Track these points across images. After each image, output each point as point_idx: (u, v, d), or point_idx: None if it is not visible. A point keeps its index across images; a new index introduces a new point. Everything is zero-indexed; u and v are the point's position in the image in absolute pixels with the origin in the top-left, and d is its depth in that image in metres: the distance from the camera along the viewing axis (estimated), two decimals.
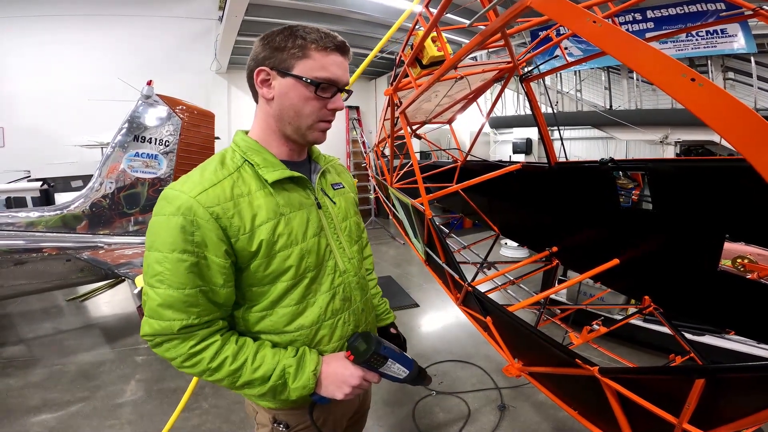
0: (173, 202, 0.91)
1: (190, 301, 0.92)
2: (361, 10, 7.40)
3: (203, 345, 0.96)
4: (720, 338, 3.22)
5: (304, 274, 1.04)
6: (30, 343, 4.16)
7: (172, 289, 0.91)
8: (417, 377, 1.17)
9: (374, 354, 1.05)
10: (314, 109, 0.99)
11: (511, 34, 1.88)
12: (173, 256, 0.89)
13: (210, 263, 0.93)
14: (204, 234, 0.90)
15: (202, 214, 0.90)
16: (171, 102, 4.23)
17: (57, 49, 7.86)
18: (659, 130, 6.78)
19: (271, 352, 1.02)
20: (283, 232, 0.99)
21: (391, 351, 1.09)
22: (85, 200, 3.96)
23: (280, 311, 1.04)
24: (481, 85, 2.71)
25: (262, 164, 1.01)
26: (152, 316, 0.94)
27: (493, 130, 10.36)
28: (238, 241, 0.94)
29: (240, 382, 0.98)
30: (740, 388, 0.86)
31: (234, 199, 0.94)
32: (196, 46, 9.20)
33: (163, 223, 0.91)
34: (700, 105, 0.56)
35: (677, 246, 1.83)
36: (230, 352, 0.97)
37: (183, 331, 0.93)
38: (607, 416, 1.18)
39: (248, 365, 0.98)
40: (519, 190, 2.71)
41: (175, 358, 0.96)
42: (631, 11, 6.36)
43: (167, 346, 0.95)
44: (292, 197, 1.04)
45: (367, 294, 1.28)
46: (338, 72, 0.98)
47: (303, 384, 1.01)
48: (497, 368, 3.46)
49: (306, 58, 0.95)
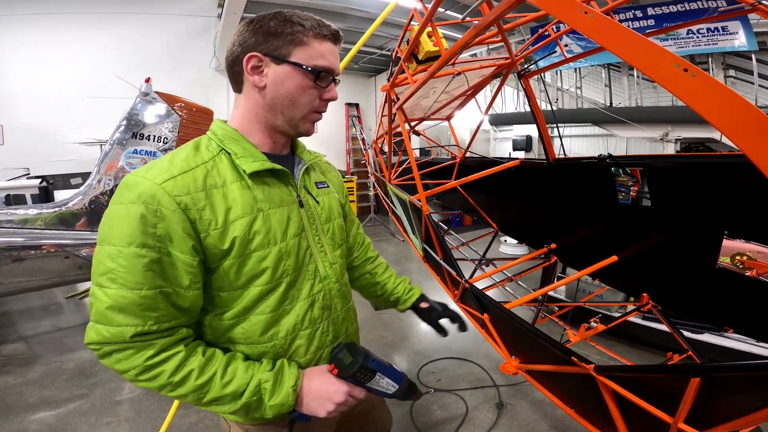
0: (134, 188, 0.79)
1: (147, 304, 0.79)
2: (359, 6, 7.37)
3: (163, 356, 0.82)
4: (719, 336, 3.21)
5: (281, 278, 0.94)
6: (29, 340, 4.16)
7: (126, 289, 0.78)
8: (407, 392, 1.08)
9: (361, 368, 0.96)
10: (311, 99, 0.94)
11: (509, 30, 1.87)
12: (129, 250, 0.77)
13: (174, 260, 0.81)
14: (168, 226, 0.79)
15: (167, 203, 0.79)
16: (169, 99, 4.22)
17: (56, 47, 7.85)
18: (659, 127, 6.75)
19: (243, 365, 0.90)
20: (260, 230, 0.90)
21: (380, 364, 1.00)
22: (83, 197, 3.96)
23: (253, 319, 0.94)
24: (479, 82, 2.69)
25: (240, 154, 0.92)
26: (99, 320, 0.80)
27: (493, 128, 10.34)
28: (208, 236, 0.84)
29: (207, 399, 0.86)
30: (736, 388, 0.85)
31: (206, 190, 0.85)
32: (196, 43, 9.18)
33: (121, 212, 0.79)
34: (693, 96, 0.55)
35: (676, 243, 1.82)
36: (196, 364, 0.85)
37: (137, 339, 0.80)
38: (603, 415, 1.18)
39: (217, 380, 0.86)
40: (518, 187, 2.69)
41: (128, 370, 0.82)
42: (631, 8, 6.33)
43: (117, 356, 0.81)
44: (273, 192, 0.95)
45: (350, 303, 1.20)
46: (334, 61, 0.95)
47: (281, 401, 0.90)
48: (495, 366, 3.45)
49: (304, 45, 0.90)
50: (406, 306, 1.42)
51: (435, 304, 1.41)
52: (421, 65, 1.97)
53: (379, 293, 1.44)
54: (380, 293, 1.44)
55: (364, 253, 1.44)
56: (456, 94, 3.04)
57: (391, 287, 1.42)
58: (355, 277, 1.44)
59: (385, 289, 1.43)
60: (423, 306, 1.40)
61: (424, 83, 1.77)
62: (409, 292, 1.43)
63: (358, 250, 1.43)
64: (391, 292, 1.43)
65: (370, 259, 1.45)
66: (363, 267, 1.43)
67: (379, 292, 1.44)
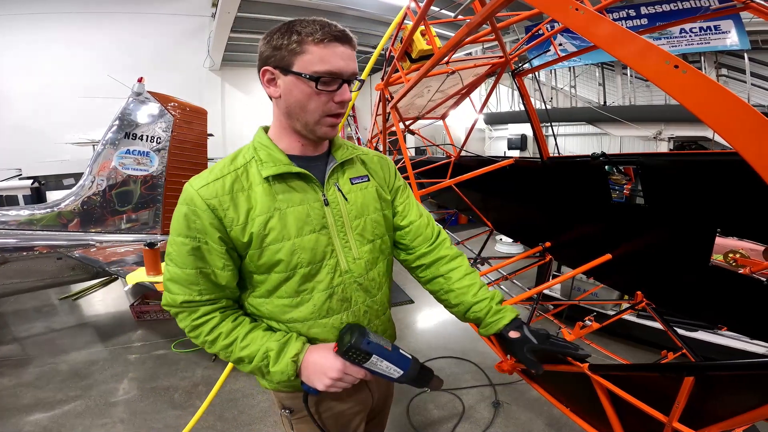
0: (184, 192, 1.01)
1: (191, 280, 1.01)
2: (355, 6, 7.36)
3: (203, 320, 1.04)
4: (712, 334, 3.23)
5: (295, 269, 1.05)
6: (23, 342, 4.12)
7: (177, 267, 1.02)
8: (417, 378, 1.06)
9: (352, 348, 0.98)
10: (319, 104, 0.97)
11: (502, 28, 1.87)
12: (178, 239, 1.00)
13: (210, 248, 1.00)
14: (203, 222, 0.98)
15: (200, 204, 0.98)
16: (163, 99, 4.19)
17: (48, 47, 7.79)
18: (653, 126, 6.80)
19: (261, 333, 1.06)
20: (275, 227, 1.02)
21: (378, 347, 1.01)
22: (76, 198, 3.92)
23: (275, 301, 1.08)
24: (473, 80, 2.69)
25: (264, 159, 1.04)
26: (165, 288, 1.06)
27: (488, 127, 10.36)
28: (232, 231, 1.00)
29: (232, 358, 1.06)
30: (730, 387, 0.85)
31: (232, 193, 1.00)
32: (189, 43, 9.14)
33: (177, 210, 1.02)
34: (684, 92, 0.54)
35: (669, 241, 1.83)
36: (225, 329, 1.04)
37: (185, 305, 1.03)
38: (598, 414, 1.18)
39: (237, 343, 1.04)
40: (512, 186, 2.70)
41: (185, 328, 1.06)
42: (624, 7, 6.37)
43: (180, 317, 1.06)
44: (294, 192, 1.05)
45: (375, 296, 1.17)
46: (340, 63, 0.95)
47: (281, 369, 1.03)
48: (491, 365, 3.44)
49: (303, 53, 0.93)
50: (488, 332, 1.16)
51: (528, 335, 1.09)
52: (415, 64, 1.97)
53: (454, 304, 1.21)
54: (455, 304, 1.21)
55: (434, 250, 1.25)
56: (450, 93, 3.04)
57: (470, 301, 1.17)
58: (424, 280, 1.27)
59: (461, 301, 1.19)
60: (513, 336, 1.10)
61: (417, 82, 1.77)
62: (495, 314, 1.15)
63: (425, 246, 1.25)
64: (470, 308, 1.18)
65: (444, 259, 1.24)
66: (435, 268, 1.24)
67: (454, 303, 1.21)
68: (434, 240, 1.26)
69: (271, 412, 2.92)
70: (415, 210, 1.27)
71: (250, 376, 3.32)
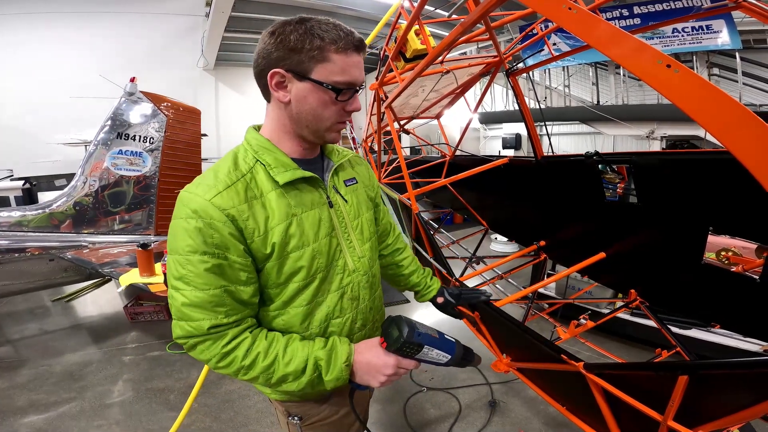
0: (189, 204, 0.91)
1: (216, 301, 0.92)
2: (350, 5, 7.35)
3: (235, 343, 0.95)
4: (706, 332, 3.25)
5: (314, 274, 1.04)
6: (16, 344, 4.08)
7: (198, 290, 0.91)
8: (462, 360, 1.10)
9: (406, 342, 0.98)
10: (333, 113, 0.97)
11: (496, 27, 1.87)
12: (195, 258, 0.89)
13: (232, 263, 0.93)
14: (222, 235, 0.90)
15: (218, 216, 0.89)
16: (155, 99, 4.17)
17: (38, 47, 7.70)
18: (645, 125, 6.84)
19: (300, 344, 1.01)
20: (295, 233, 0.99)
21: (428, 337, 1.02)
22: (68, 199, 3.89)
23: (291, 311, 1.04)
24: (468, 80, 2.70)
25: (273, 164, 0.99)
26: (181, 317, 0.94)
27: (483, 126, 10.39)
28: (253, 242, 0.94)
29: (275, 379, 0.97)
30: (724, 385, 0.85)
31: (248, 202, 0.94)
32: (183, 42, 9.08)
33: (182, 226, 0.91)
34: (676, 91, 0.55)
35: (662, 239, 1.84)
36: (261, 348, 0.97)
37: (213, 331, 0.93)
38: (594, 412, 1.18)
39: (279, 360, 0.97)
40: (507, 185, 2.70)
41: (210, 359, 0.95)
42: (617, 7, 6.41)
43: (201, 348, 0.95)
44: (304, 197, 1.03)
45: (377, 292, 1.26)
46: (356, 73, 0.94)
47: (336, 376, 0.99)
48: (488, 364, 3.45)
49: (325, 61, 0.90)
50: (423, 299, 1.50)
51: (448, 297, 1.47)
52: (409, 63, 1.97)
53: (402, 284, 1.51)
54: (403, 284, 1.51)
55: (394, 242, 1.48)
56: (445, 92, 3.04)
57: (414, 280, 1.49)
58: (384, 264, 1.48)
59: (409, 280, 1.50)
60: (439, 301, 1.46)
61: (411, 81, 1.77)
62: (428, 287, 1.49)
63: (389, 239, 1.47)
64: (414, 285, 1.50)
65: (399, 250, 1.49)
66: (392, 257, 1.48)
67: (402, 283, 1.51)
68: (391, 234, 1.47)
69: (267, 413, 2.91)
70: (383, 208, 1.43)
71: None
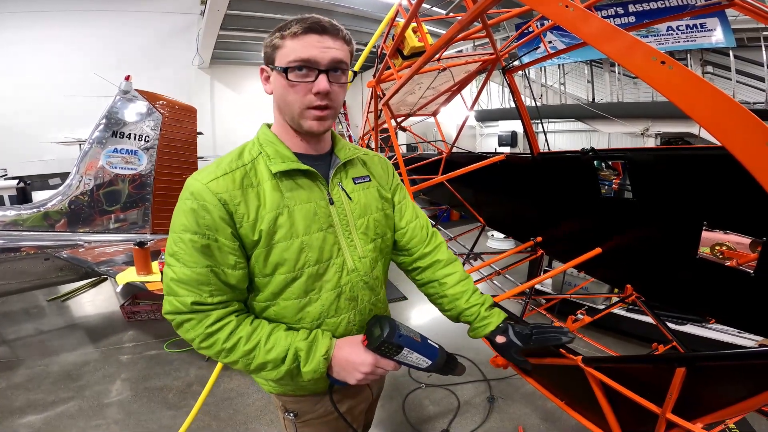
0: (188, 187, 0.97)
1: (201, 280, 0.96)
2: (346, 3, 7.33)
3: (219, 325, 0.98)
4: (701, 327, 3.28)
5: (302, 268, 1.03)
6: (12, 344, 4.05)
7: (186, 267, 0.95)
8: (444, 367, 1.09)
9: (385, 342, 0.98)
10: (297, 96, 0.98)
11: (493, 25, 1.88)
12: (186, 236, 0.95)
13: (221, 245, 0.96)
14: (213, 217, 0.95)
15: (210, 198, 0.94)
16: (151, 97, 4.14)
17: (32, 46, 7.63)
18: (640, 122, 6.88)
19: (284, 334, 1.02)
20: (284, 224, 1.00)
21: (408, 339, 1.02)
22: (63, 198, 3.86)
23: (281, 303, 1.05)
24: (464, 77, 2.71)
25: (272, 156, 1.04)
26: (169, 292, 0.98)
27: (479, 123, 10.40)
28: (242, 227, 0.98)
29: (254, 365, 0.99)
30: (722, 377, 0.87)
31: (242, 189, 0.98)
32: (178, 41, 9.02)
33: (180, 207, 0.97)
34: (670, 87, 0.56)
35: (657, 234, 1.86)
36: (244, 333, 0.98)
37: (196, 308, 0.96)
38: (593, 406, 1.19)
39: (261, 346, 0.99)
40: (503, 182, 2.72)
41: (194, 338, 0.99)
42: (612, 5, 6.43)
43: (187, 326, 0.98)
44: (301, 190, 1.04)
45: (378, 295, 1.21)
46: (313, 52, 0.94)
47: (314, 368, 1.00)
48: (486, 360, 3.48)
49: (281, 47, 0.97)
50: (476, 335, 1.22)
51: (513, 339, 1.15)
52: (407, 61, 1.97)
53: (447, 308, 1.26)
54: (448, 309, 1.26)
55: (431, 253, 1.28)
56: (442, 89, 3.05)
57: (462, 307, 1.22)
58: (420, 282, 1.32)
59: (454, 306, 1.24)
60: (499, 341, 1.17)
61: (409, 78, 1.78)
62: (483, 319, 1.20)
63: (421, 247, 1.28)
64: (461, 313, 1.23)
65: (440, 263, 1.27)
66: (431, 272, 1.27)
67: (447, 307, 1.26)
68: (429, 242, 1.29)
69: (267, 411, 2.92)
70: (411, 211, 1.31)
71: (245, 374, 3.32)
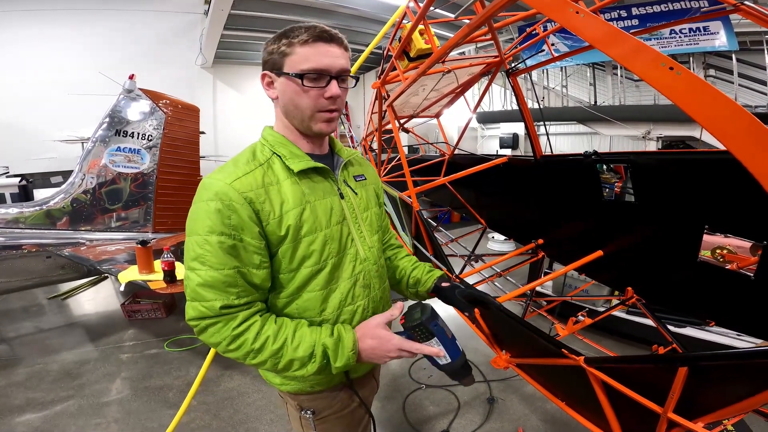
0: (210, 188, 0.98)
1: (229, 281, 0.97)
2: (349, 4, 7.34)
3: (245, 326, 0.99)
4: (701, 330, 3.28)
5: (326, 260, 1.09)
6: (11, 342, 4.06)
7: (213, 270, 0.95)
8: (459, 371, 1.13)
9: (422, 325, 1.04)
10: (310, 100, 1.03)
11: (498, 29, 1.89)
12: (213, 238, 0.95)
13: (246, 245, 0.98)
14: (239, 217, 0.96)
15: (236, 198, 0.96)
16: (154, 96, 4.15)
17: (36, 44, 7.65)
18: (642, 125, 6.89)
19: (308, 330, 1.05)
20: (308, 219, 1.05)
21: (442, 332, 1.08)
22: (65, 196, 3.87)
23: (305, 296, 1.09)
24: (468, 79, 2.72)
25: (288, 156, 1.07)
26: (194, 298, 0.98)
27: (480, 125, 10.41)
28: (269, 225, 1.00)
29: (283, 363, 1.01)
30: (723, 376, 0.87)
31: (265, 187, 1.01)
32: (181, 40, 9.04)
33: (202, 208, 0.97)
34: (678, 93, 0.56)
35: (658, 237, 1.87)
36: (271, 331, 1.00)
37: (224, 311, 0.97)
38: (593, 407, 1.19)
39: (288, 344, 1.01)
40: (505, 184, 2.73)
41: (220, 342, 0.99)
42: (616, 8, 6.43)
43: (212, 330, 0.99)
44: (317, 186, 1.10)
45: (385, 282, 1.32)
46: (324, 60, 1.01)
47: (345, 363, 1.04)
48: (486, 361, 3.48)
49: (291, 54, 1.01)
50: (426, 287, 1.39)
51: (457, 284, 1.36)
52: (413, 62, 1.98)
53: (399, 277, 1.46)
54: (399, 277, 1.46)
55: (389, 239, 1.52)
56: (445, 91, 3.05)
57: (411, 270, 1.44)
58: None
59: (404, 271, 1.46)
60: (444, 285, 1.35)
61: (415, 80, 1.78)
62: (428, 273, 1.42)
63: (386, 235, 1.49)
64: (411, 275, 1.44)
65: (393, 246, 1.52)
66: (387, 251, 1.50)
67: (398, 276, 1.46)
68: (389, 230, 1.51)
69: (267, 411, 2.92)
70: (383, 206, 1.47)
71: (246, 374, 3.33)
